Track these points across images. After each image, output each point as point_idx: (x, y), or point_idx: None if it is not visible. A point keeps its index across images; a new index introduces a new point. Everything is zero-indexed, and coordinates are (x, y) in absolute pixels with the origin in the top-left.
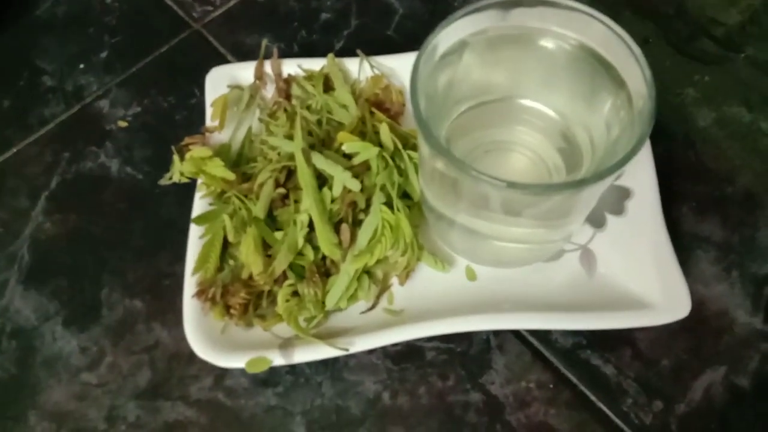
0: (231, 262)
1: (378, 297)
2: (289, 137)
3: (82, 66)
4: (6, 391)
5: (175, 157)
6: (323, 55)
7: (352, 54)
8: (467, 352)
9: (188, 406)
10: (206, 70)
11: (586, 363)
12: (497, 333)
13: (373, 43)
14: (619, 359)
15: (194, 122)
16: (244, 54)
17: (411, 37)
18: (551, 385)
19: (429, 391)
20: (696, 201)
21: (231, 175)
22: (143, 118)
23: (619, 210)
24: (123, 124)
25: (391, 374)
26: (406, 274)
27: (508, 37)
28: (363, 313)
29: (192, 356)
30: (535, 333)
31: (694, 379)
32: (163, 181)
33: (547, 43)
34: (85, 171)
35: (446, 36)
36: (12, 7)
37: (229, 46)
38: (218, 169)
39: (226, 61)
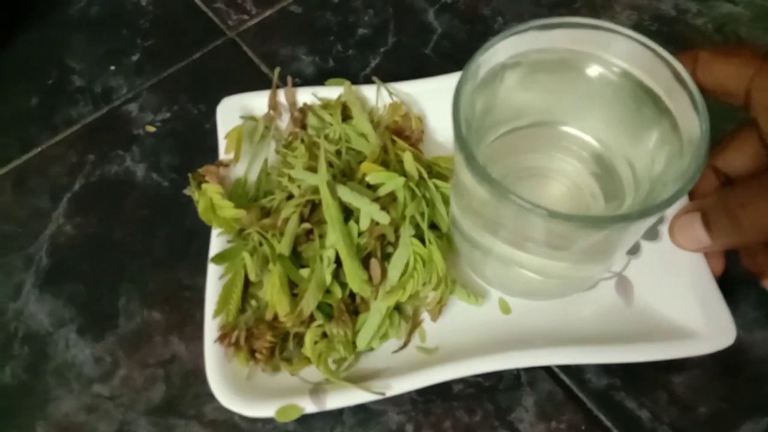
0: (253, 302)
1: (410, 334)
2: (310, 169)
3: (112, 68)
4: (14, 398)
5: (192, 186)
6: (360, 70)
7: (389, 70)
8: (496, 387)
9: (203, 426)
10: (239, 79)
11: (620, 405)
12: (528, 369)
13: (409, 61)
14: (655, 403)
15: None
16: (277, 65)
17: (448, 57)
18: (583, 427)
19: (455, 426)
20: None
21: (240, 213)
22: (172, 124)
23: (653, 236)
24: (151, 129)
25: (416, 406)
26: (439, 309)
27: (548, 61)
28: (395, 352)
29: None
30: (567, 371)
31: (732, 428)
32: (188, 192)
33: (589, 69)
34: (110, 175)
35: (488, 58)
36: (44, 3)
37: (262, 56)
38: (228, 211)
39: (259, 72)
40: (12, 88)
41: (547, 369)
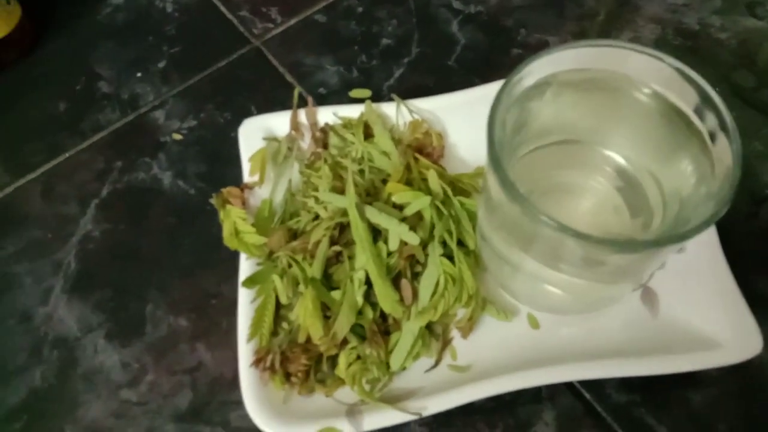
0: (284, 324)
1: (441, 353)
2: (335, 189)
3: (139, 74)
4: (44, 401)
5: (218, 205)
6: (383, 81)
7: (413, 81)
8: (517, 401)
9: None
10: (265, 88)
11: (639, 421)
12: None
13: (433, 72)
14: (674, 420)
15: None
16: (302, 74)
17: (471, 68)
18: None
19: None
20: (758, 258)
21: (262, 240)
22: (198, 132)
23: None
24: (178, 136)
25: (437, 418)
26: (470, 326)
27: (578, 81)
28: (428, 371)
29: (234, 381)
30: (587, 385)
31: None
32: (214, 202)
33: (618, 89)
34: (137, 181)
35: (521, 79)
36: (72, 10)
37: (287, 65)
38: (251, 237)
39: (283, 80)
40: (40, 94)
41: (568, 383)
